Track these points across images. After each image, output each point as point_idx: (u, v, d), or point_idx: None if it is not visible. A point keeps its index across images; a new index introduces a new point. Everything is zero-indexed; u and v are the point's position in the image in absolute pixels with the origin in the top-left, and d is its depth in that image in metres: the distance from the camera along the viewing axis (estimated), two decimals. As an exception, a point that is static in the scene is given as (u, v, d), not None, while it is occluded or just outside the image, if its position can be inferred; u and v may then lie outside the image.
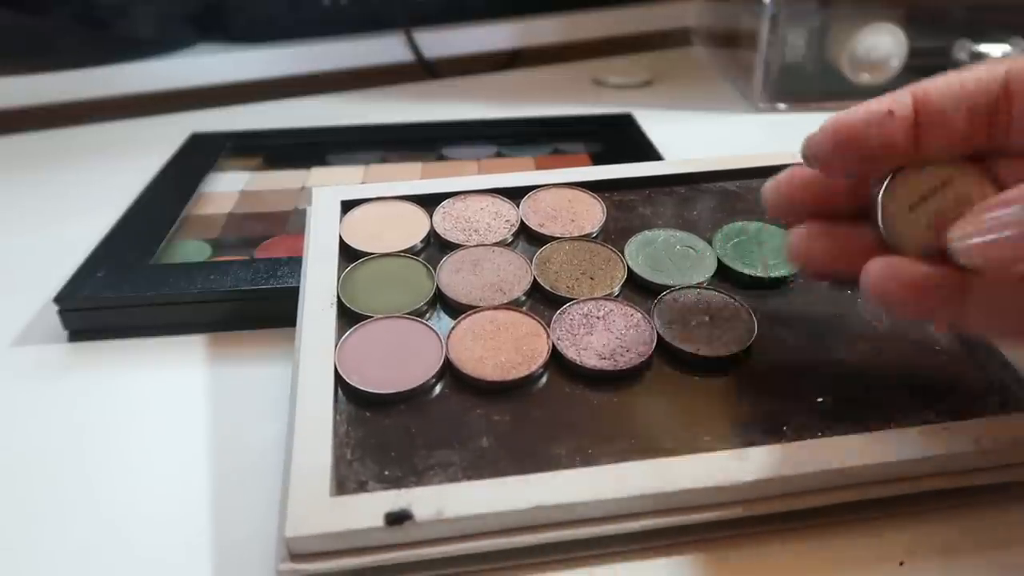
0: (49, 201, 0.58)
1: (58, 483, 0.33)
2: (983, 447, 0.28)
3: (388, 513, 0.25)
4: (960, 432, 0.28)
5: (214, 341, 0.41)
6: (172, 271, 0.42)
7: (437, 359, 0.32)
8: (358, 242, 0.38)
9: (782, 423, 0.29)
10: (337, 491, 0.27)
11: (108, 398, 0.37)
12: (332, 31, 0.80)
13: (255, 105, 0.75)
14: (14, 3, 0.68)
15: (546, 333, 0.33)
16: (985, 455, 0.28)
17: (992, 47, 0.68)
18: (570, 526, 0.27)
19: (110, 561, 0.29)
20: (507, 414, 0.30)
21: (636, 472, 0.27)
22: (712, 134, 0.67)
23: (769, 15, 0.67)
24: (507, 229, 0.40)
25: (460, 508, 0.26)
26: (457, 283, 0.36)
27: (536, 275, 0.36)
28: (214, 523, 0.30)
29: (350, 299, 0.35)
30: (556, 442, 0.29)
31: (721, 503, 0.27)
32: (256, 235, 0.48)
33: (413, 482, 0.27)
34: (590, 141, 0.61)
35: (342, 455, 0.28)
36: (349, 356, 0.32)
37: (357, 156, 0.59)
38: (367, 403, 0.30)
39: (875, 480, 0.28)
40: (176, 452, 0.34)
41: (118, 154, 0.65)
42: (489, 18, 0.84)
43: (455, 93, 0.78)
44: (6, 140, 0.69)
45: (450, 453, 0.28)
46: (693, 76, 0.81)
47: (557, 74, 0.83)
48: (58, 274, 0.44)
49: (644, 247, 0.38)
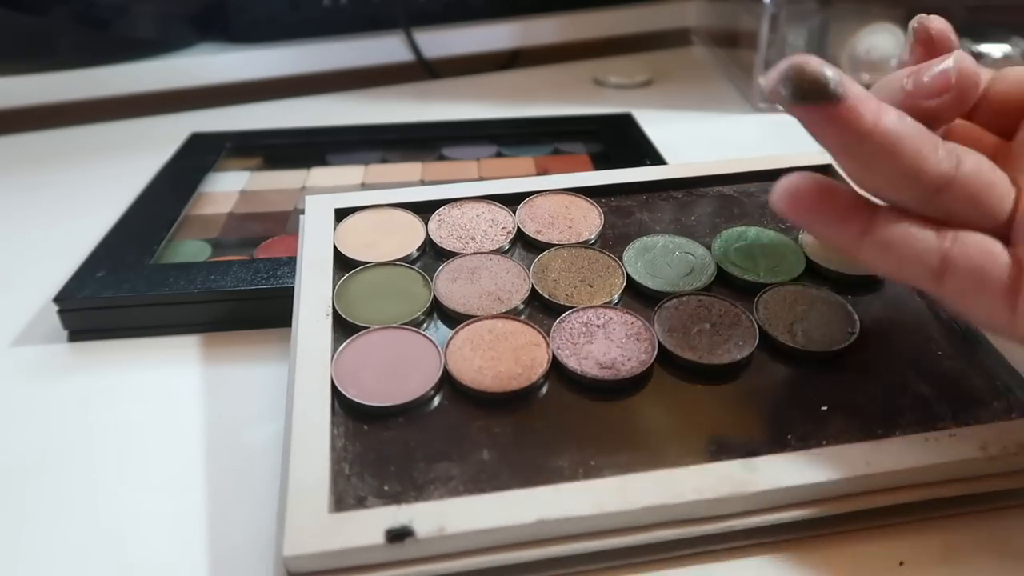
0: (49, 201, 0.57)
1: (58, 482, 0.33)
2: (989, 453, 0.28)
3: (388, 530, 0.25)
4: (966, 439, 0.29)
5: (214, 341, 0.41)
6: (172, 271, 0.42)
7: (435, 370, 0.32)
8: (353, 251, 0.38)
9: (786, 432, 0.29)
10: (336, 507, 0.26)
11: (107, 398, 0.37)
12: (332, 31, 0.79)
13: (255, 105, 0.75)
14: (14, 3, 0.68)
15: (546, 342, 0.33)
16: (991, 461, 0.28)
17: (992, 47, 0.67)
18: (574, 540, 0.26)
19: (108, 561, 0.29)
20: (507, 426, 0.30)
21: (640, 484, 0.27)
22: (712, 134, 0.67)
23: (769, 15, 0.67)
24: (504, 236, 0.39)
25: (462, 524, 0.26)
26: (454, 292, 0.36)
27: (534, 283, 0.36)
28: (212, 523, 0.31)
29: (346, 309, 0.35)
30: (558, 454, 0.29)
31: (727, 514, 0.27)
32: (256, 235, 0.48)
33: (413, 497, 0.27)
34: (590, 141, 0.61)
35: (340, 470, 0.28)
36: (346, 368, 0.32)
37: (357, 156, 0.59)
38: (365, 416, 0.30)
39: (881, 488, 0.28)
40: (175, 452, 0.34)
41: (118, 154, 0.65)
42: (489, 18, 0.84)
43: (455, 93, 0.77)
44: (6, 140, 0.69)
45: (450, 466, 0.28)
46: (693, 76, 0.81)
47: (557, 74, 0.83)
48: (58, 274, 0.44)
49: (643, 253, 0.38)
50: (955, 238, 0.25)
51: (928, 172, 0.25)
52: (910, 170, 0.25)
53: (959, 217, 0.26)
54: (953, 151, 0.26)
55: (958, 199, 0.25)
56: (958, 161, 0.25)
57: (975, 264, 0.25)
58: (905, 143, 0.25)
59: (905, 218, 0.26)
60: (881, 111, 0.25)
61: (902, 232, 0.26)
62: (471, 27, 0.83)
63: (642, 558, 0.28)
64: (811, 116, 0.25)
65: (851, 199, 0.26)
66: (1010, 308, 0.25)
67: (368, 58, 0.80)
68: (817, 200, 0.26)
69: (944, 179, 0.25)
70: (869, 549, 0.28)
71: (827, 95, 0.24)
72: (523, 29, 0.84)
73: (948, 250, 0.25)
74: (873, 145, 0.24)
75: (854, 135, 0.24)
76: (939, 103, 0.27)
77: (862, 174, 0.26)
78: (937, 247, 0.25)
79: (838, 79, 0.24)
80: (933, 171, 0.25)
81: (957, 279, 0.25)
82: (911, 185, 0.25)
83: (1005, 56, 0.67)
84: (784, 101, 0.25)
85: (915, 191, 0.25)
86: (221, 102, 0.75)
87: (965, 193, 0.25)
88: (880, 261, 0.26)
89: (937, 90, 0.27)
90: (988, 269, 0.25)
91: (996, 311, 0.25)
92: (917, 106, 0.27)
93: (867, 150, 0.25)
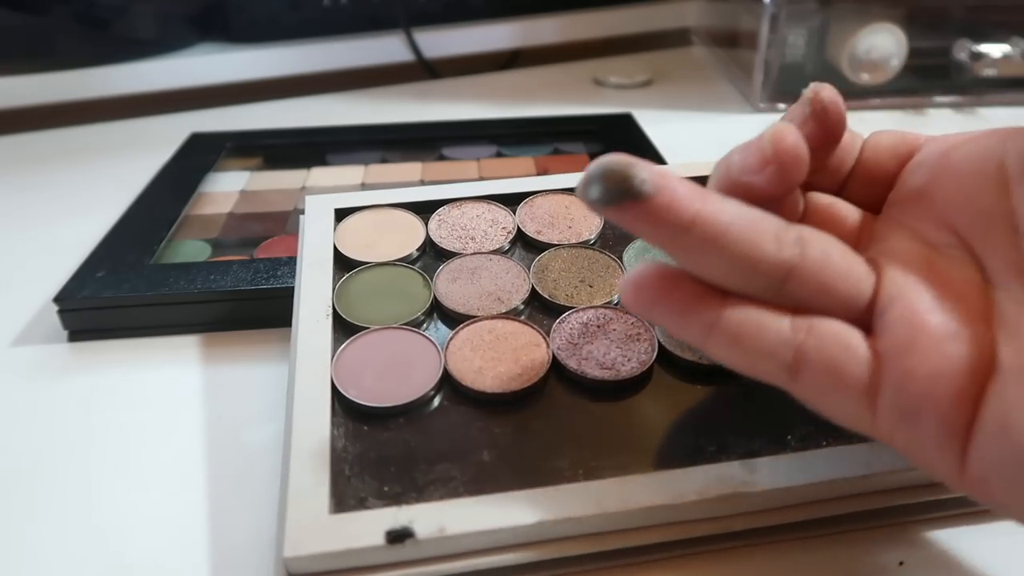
0: (49, 201, 0.57)
1: (58, 482, 0.33)
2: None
3: (389, 531, 0.25)
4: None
5: (214, 341, 0.41)
6: (172, 271, 0.42)
7: (435, 371, 0.32)
8: (353, 251, 0.38)
9: (786, 432, 0.29)
10: (336, 508, 0.26)
11: (108, 398, 0.37)
12: (332, 31, 0.79)
13: (255, 105, 0.75)
14: (14, 3, 0.68)
15: (546, 343, 0.33)
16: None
17: (992, 47, 0.67)
18: (574, 541, 0.26)
19: (108, 561, 0.29)
20: (507, 426, 0.30)
21: (640, 485, 0.27)
22: (712, 134, 0.67)
23: (769, 15, 0.67)
24: (504, 236, 0.39)
25: (462, 525, 0.26)
26: (454, 292, 0.36)
27: (534, 283, 0.36)
28: (212, 524, 0.31)
29: (346, 310, 0.35)
30: (558, 455, 0.29)
31: (727, 515, 0.27)
32: (256, 235, 0.48)
33: (414, 498, 0.27)
34: (590, 141, 0.61)
35: (340, 471, 0.28)
36: (346, 369, 0.32)
37: (357, 156, 0.59)
38: (365, 417, 0.30)
39: (881, 489, 0.28)
40: (176, 452, 0.34)
41: (118, 154, 0.65)
42: (489, 18, 0.83)
43: (455, 93, 0.77)
44: (6, 140, 0.69)
45: (450, 467, 0.28)
46: (693, 76, 0.81)
47: (557, 74, 0.83)
48: (58, 274, 0.44)
49: (643, 253, 0.38)
50: (810, 329, 0.23)
51: (766, 262, 0.23)
52: (744, 261, 0.23)
53: (814, 306, 0.24)
54: (798, 236, 0.24)
55: (807, 288, 0.24)
56: (802, 248, 0.23)
57: (831, 359, 0.23)
58: (733, 233, 0.23)
59: (756, 309, 0.24)
60: (705, 201, 0.23)
61: (752, 325, 0.23)
62: (471, 27, 0.83)
63: (642, 559, 0.28)
64: (622, 216, 0.23)
65: (698, 289, 0.24)
66: (869, 408, 0.23)
67: (368, 58, 0.80)
68: (660, 291, 0.24)
69: (786, 268, 0.23)
70: (869, 549, 0.28)
71: (633, 193, 0.22)
72: (523, 29, 0.84)
73: (802, 343, 0.23)
74: (695, 238, 0.23)
75: (670, 230, 0.23)
76: (763, 180, 0.25)
77: (695, 268, 0.24)
78: (790, 340, 0.23)
79: (646, 176, 0.22)
80: (772, 260, 0.23)
81: (812, 376, 0.23)
82: (750, 277, 0.23)
83: (1005, 56, 0.67)
84: (592, 204, 0.23)
85: (757, 282, 0.23)
86: (221, 102, 0.75)
87: (814, 282, 0.24)
88: (730, 357, 0.24)
89: (756, 166, 0.25)
90: (845, 365, 0.23)
91: (855, 411, 0.23)
92: (744, 186, 0.25)
93: (691, 243, 0.23)
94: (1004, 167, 0.24)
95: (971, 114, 0.69)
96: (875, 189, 0.28)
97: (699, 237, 0.23)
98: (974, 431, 0.22)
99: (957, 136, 0.27)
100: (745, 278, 0.23)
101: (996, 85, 0.69)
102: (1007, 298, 0.23)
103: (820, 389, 0.23)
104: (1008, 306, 0.23)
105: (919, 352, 0.22)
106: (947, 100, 0.70)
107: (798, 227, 0.24)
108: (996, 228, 0.24)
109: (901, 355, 0.22)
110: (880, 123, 0.67)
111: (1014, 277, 0.23)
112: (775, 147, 0.25)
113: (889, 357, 0.23)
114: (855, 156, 0.28)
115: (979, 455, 0.21)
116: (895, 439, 0.23)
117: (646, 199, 0.22)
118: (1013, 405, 0.21)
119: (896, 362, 0.23)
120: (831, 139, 0.27)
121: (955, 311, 0.23)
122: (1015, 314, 0.23)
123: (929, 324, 0.23)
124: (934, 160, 0.26)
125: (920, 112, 0.69)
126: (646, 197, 0.22)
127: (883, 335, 0.23)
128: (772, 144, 0.25)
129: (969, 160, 0.25)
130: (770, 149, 0.25)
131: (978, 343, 0.22)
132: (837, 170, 0.28)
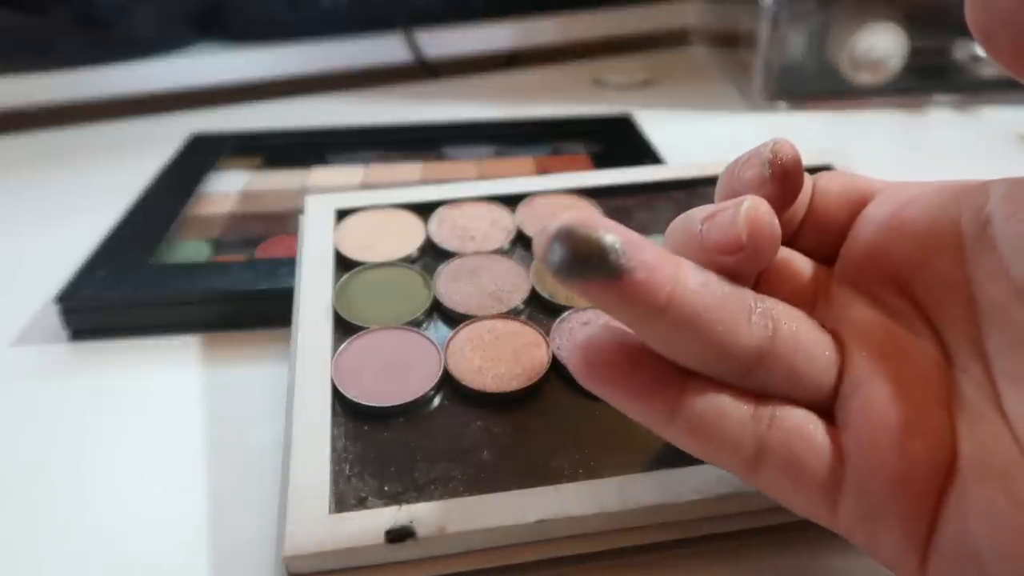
0: (49, 201, 0.57)
1: (58, 482, 0.33)
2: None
3: (389, 530, 0.25)
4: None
5: (214, 341, 0.41)
6: (172, 271, 0.42)
7: (436, 370, 0.32)
8: (353, 251, 0.38)
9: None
10: (336, 508, 0.26)
11: (109, 398, 0.37)
12: (332, 31, 0.79)
13: (255, 105, 0.75)
14: (14, 3, 0.68)
15: (546, 343, 0.33)
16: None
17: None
18: (574, 540, 0.26)
19: (109, 561, 0.29)
20: (508, 426, 0.30)
21: (640, 484, 0.27)
22: (712, 134, 0.67)
23: (769, 15, 0.67)
24: (504, 236, 0.40)
25: (462, 524, 0.26)
26: (454, 292, 0.36)
27: (534, 283, 0.36)
28: (212, 523, 0.31)
29: (346, 310, 0.35)
30: (557, 454, 0.29)
31: (727, 515, 0.27)
32: (256, 235, 0.48)
33: (414, 497, 0.27)
34: (590, 141, 0.61)
35: (340, 470, 0.28)
36: (346, 368, 0.32)
37: (357, 156, 0.59)
38: (365, 416, 0.30)
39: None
40: (176, 452, 0.34)
41: (118, 154, 0.65)
42: (489, 18, 0.83)
43: (455, 93, 0.77)
44: (6, 140, 0.69)
45: (451, 467, 0.28)
46: (693, 76, 0.81)
47: (557, 74, 0.83)
48: (59, 274, 0.44)
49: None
50: (772, 419, 0.22)
51: (739, 347, 0.21)
52: (717, 347, 0.21)
53: (779, 390, 0.22)
54: (767, 313, 0.22)
55: (775, 373, 0.22)
56: (773, 328, 0.22)
57: (791, 454, 0.21)
58: (710, 315, 0.21)
59: (719, 395, 0.22)
60: (679, 277, 0.20)
61: (714, 414, 0.21)
62: (471, 27, 0.83)
63: (642, 558, 0.28)
64: (591, 292, 0.20)
65: (658, 370, 0.22)
66: (829, 507, 0.21)
67: (368, 58, 0.80)
68: (617, 372, 0.22)
69: (758, 353, 0.21)
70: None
71: (607, 268, 0.19)
72: (523, 29, 0.84)
73: (764, 436, 0.21)
74: (670, 323, 0.20)
75: (644, 313, 0.20)
76: (735, 261, 0.22)
77: (662, 349, 0.22)
78: (752, 432, 0.21)
79: (620, 245, 0.19)
80: (745, 344, 0.21)
81: (772, 471, 0.22)
82: (720, 362, 0.21)
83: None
84: (555, 273, 0.19)
85: (726, 367, 0.22)
86: (221, 102, 0.75)
87: (783, 366, 0.22)
88: (690, 446, 0.22)
89: (729, 248, 0.22)
90: (805, 461, 0.21)
91: (814, 509, 0.22)
92: (714, 261, 0.23)
93: (665, 327, 0.20)
94: (959, 228, 0.22)
95: (971, 114, 0.69)
96: (827, 238, 0.26)
97: (673, 321, 0.20)
98: (933, 544, 0.20)
99: (910, 187, 0.25)
100: (713, 364, 0.22)
101: (996, 85, 0.69)
102: (967, 380, 0.22)
103: (780, 487, 0.22)
104: (968, 390, 0.22)
105: (881, 452, 0.21)
106: (947, 100, 0.70)
107: (766, 301, 0.23)
108: (953, 299, 0.22)
109: (863, 454, 0.21)
110: (880, 123, 0.67)
111: (972, 358, 0.22)
112: (750, 231, 0.22)
113: (851, 454, 0.21)
114: (806, 204, 0.26)
115: (939, 568, 0.20)
116: (855, 538, 0.22)
117: (619, 276, 0.19)
118: (972, 509, 0.20)
119: (858, 461, 0.21)
120: (790, 198, 0.25)
121: (918, 399, 0.21)
122: (975, 399, 0.21)
123: (891, 420, 0.21)
124: (887, 216, 0.24)
125: (920, 112, 0.69)
126: (620, 273, 0.19)
127: (846, 428, 0.22)
128: (747, 227, 0.22)
129: (923, 219, 0.23)
130: (744, 234, 0.22)
131: (940, 437, 0.21)
132: (791, 221, 0.26)
